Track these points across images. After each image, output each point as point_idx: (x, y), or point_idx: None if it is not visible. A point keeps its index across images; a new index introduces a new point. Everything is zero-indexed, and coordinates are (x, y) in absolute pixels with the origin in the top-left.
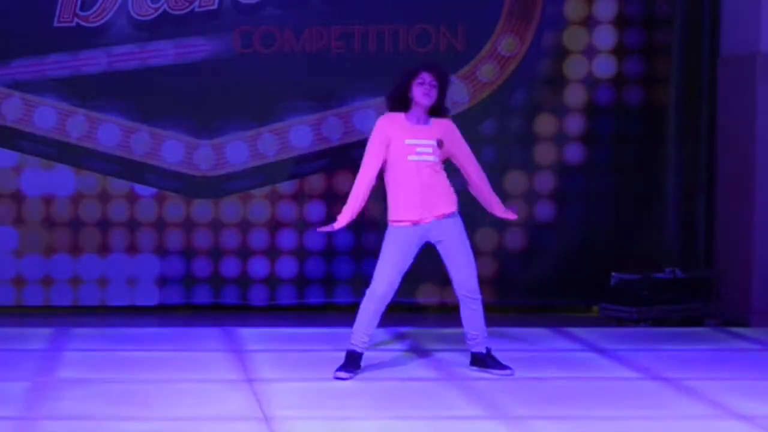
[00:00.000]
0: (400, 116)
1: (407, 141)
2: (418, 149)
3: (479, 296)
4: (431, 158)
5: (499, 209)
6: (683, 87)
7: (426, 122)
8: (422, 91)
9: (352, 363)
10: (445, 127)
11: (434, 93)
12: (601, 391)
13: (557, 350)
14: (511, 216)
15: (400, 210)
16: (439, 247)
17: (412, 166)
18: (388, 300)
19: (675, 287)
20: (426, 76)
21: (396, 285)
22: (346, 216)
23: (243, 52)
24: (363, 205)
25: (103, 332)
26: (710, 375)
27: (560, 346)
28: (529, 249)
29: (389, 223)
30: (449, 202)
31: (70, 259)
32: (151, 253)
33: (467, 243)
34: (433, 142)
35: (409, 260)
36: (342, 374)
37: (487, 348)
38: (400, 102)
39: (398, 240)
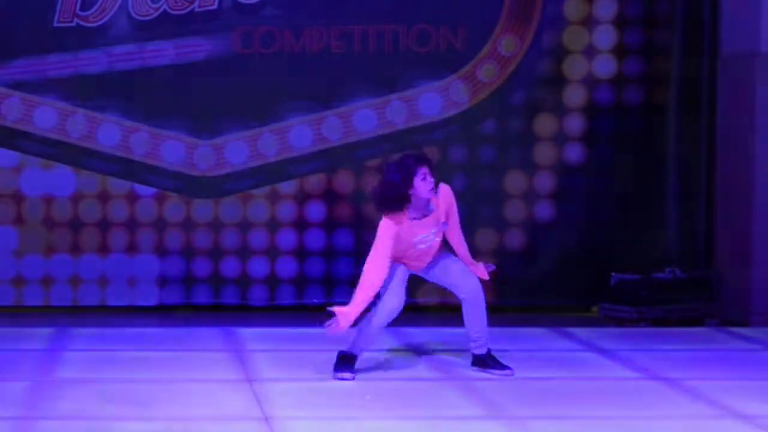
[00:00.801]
0: (402, 217)
1: (415, 239)
2: (427, 240)
3: (482, 297)
4: (436, 239)
5: (473, 268)
6: (683, 87)
7: (428, 209)
8: (428, 187)
9: (350, 363)
10: (444, 199)
11: (433, 182)
12: (601, 391)
13: (557, 350)
14: (482, 275)
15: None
16: (429, 274)
17: (418, 253)
18: (399, 310)
19: (675, 287)
20: (426, 170)
21: (403, 297)
22: (356, 309)
23: (243, 52)
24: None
25: (103, 332)
26: (710, 375)
27: (560, 346)
28: (529, 249)
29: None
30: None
31: (70, 259)
32: (151, 253)
33: (448, 256)
34: (438, 229)
35: (405, 279)
36: (346, 374)
37: (488, 349)
38: (402, 201)
39: (395, 268)
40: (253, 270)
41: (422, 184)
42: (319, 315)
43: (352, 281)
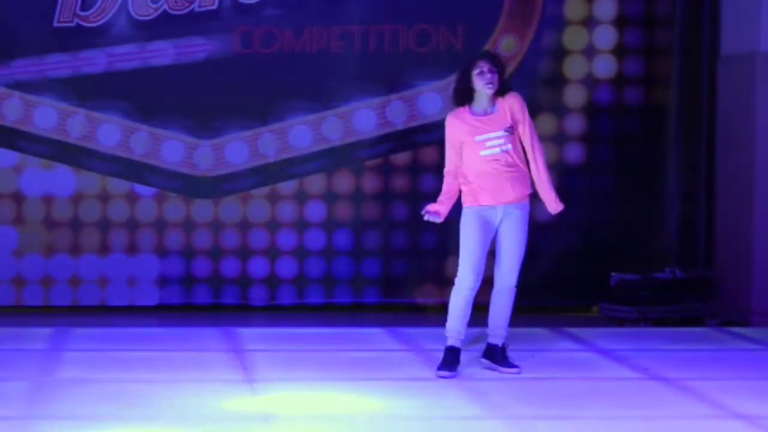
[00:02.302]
0: (465, 111)
1: (477, 138)
2: (488, 143)
3: (514, 293)
4: (504, 148)
5: (548, 198)
6: (683, 87)
7: (492, 110)
8: (484, 81)
9: (452, 360)
10: (509, 104)
11: (495, 79)
12: (601, 391)
13: (557, 350)
14: (557, 208)
15: (473, 196)
16: (498, 231)
17: (485, 160)
18: (476, 288)
19: (675, 287)
20: (484, 65)
21: (481, 270)
22: (446, 204)
23: (243, 52)
24: (458, 194)
25: (103, 332)
26: (710, 375)
27: (560, 346)
28: (529, 249)
29: (463, 207)
30: (519, 191)
31: (70, 259)
32: (151, 253)
33: (523, 236)
34: (502, 132)
35: (487, 243)
36: (444, 373)
37: (504, 344)
38: (464, 95)
39: (473, 222)
40: (253, 270)
41: (478, 77)
42: (320, 315)
43: (353, 281)
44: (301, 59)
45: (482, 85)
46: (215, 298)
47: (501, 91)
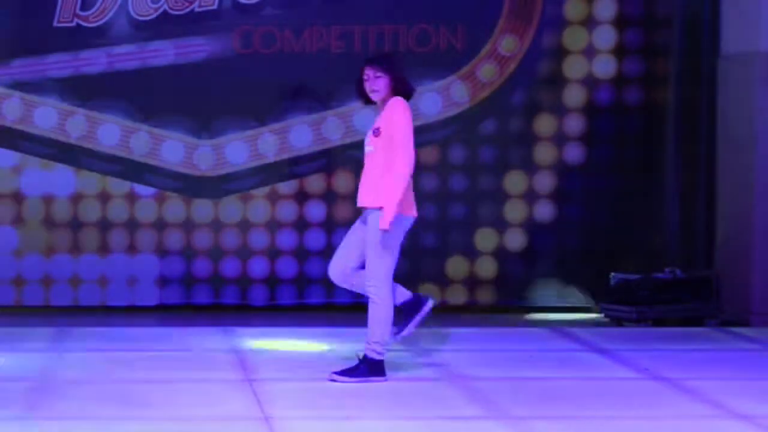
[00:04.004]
0: None
1: (366, 138)
2: (366, 141)
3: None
4: (369, 148)
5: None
6: (683, 87)
7: (381, 111)
8: (368, 88)
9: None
10: (387, 107)
11: (380, 84)
12: (601, 391)
13: (557, 350)
14: (382, 224)
15: None
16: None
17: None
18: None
19: (675, 287)
20: (368, 71)
21: (342, 267)
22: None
23: (243, 52)
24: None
25: (103, 332)
26: (710, 375)
27: (560, 346)
28: (529, 249)
29: None
30: (369, 196)
31: (70, 259)
32: (151, 253)
33: (374, 247)
34: (370, 133)
35: (354, 242)
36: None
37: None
38: (365, 97)
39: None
40: (253, 270)
41: (365, 84)
42: (320, 315)
43: None
44: (301, 59)
45: (368, 92)
46: (215, 298)
47: (401, 93)
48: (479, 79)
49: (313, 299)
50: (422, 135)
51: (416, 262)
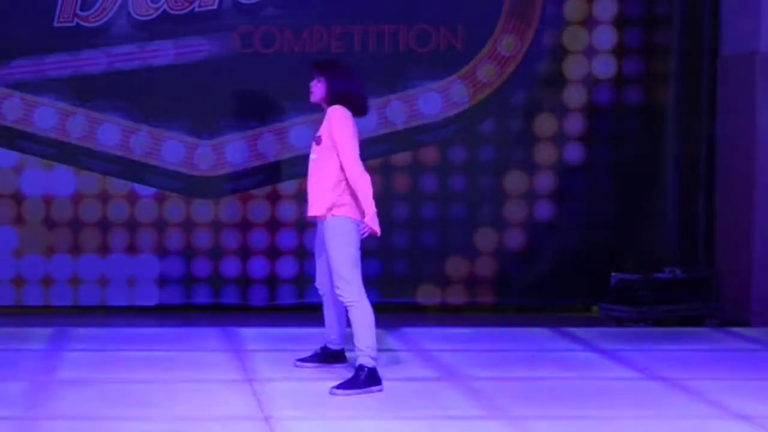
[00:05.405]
0: None
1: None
2: (312, 149)
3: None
4: (313, 156)
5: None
6: (683, 87)
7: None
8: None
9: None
10: (325, 118)
11: (318, 87)
12: (601, 391)
13: (557, 350)
14: (371, 228)
15: None
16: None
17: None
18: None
19: (675, 287)
20: (315, 75)
21: (326, 279)
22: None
23: (243, 52)
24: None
25: (103, 332)
26: (710, 375)
27: (560, 346)
28: (529, 249)
29: None
30: (314, 207)
31: (70, 259)
32: (151, 253)
33: (333, 252)
34: (313, 141)
35: (321, 253)
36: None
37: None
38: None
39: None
40: (253, 270)
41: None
42: (319, 315)
43: None
44: (301, 59)
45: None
46: (215, 298)
47: (336, 100)
48: (479, 79)
49: (313, 299)
50: (422, 135)
51: (416, 262)
